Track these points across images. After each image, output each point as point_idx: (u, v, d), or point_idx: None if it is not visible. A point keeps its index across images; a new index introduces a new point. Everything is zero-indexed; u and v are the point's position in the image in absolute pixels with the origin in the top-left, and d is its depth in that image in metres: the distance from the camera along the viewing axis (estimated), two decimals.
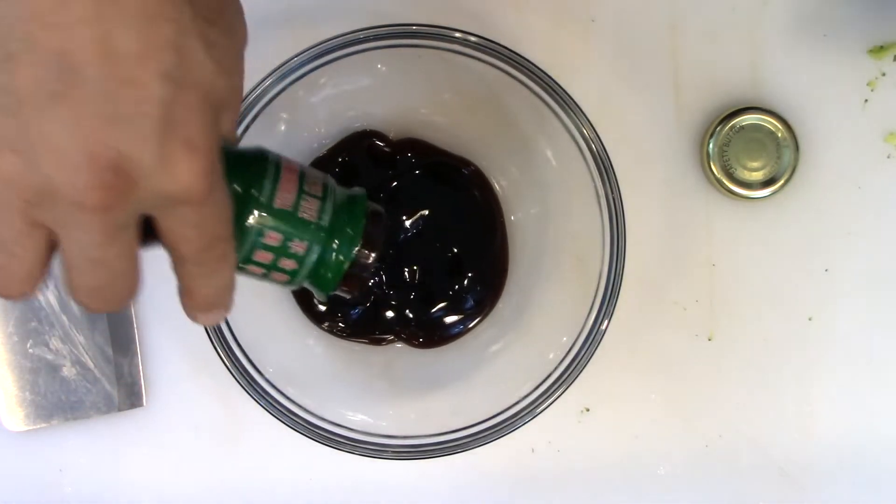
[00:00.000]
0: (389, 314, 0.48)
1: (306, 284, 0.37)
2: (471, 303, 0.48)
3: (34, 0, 0.24)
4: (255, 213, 0.33)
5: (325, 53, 0.42)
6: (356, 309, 0.48)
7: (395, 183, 0.47)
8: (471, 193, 0.48)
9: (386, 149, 0.47)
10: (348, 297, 0.38)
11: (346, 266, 0.36)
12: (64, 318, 0.47)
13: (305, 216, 0.34)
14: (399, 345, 0.48)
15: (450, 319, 0.48)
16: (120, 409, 0.48)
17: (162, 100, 0.26)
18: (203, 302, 0.32)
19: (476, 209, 0.48)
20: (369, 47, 0.42)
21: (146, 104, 0.25)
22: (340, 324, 0.48)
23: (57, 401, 0.47)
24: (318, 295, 0.37)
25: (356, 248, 0.35)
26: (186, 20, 0.26)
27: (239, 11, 0.31)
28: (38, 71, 0.25)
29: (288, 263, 0.35)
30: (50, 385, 0.47)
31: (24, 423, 0.47)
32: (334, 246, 0.35)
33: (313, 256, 0.35)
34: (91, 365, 0.48)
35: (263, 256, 0.34)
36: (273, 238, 0.34)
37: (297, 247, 0.34)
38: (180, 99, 0.26)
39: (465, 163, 0.48)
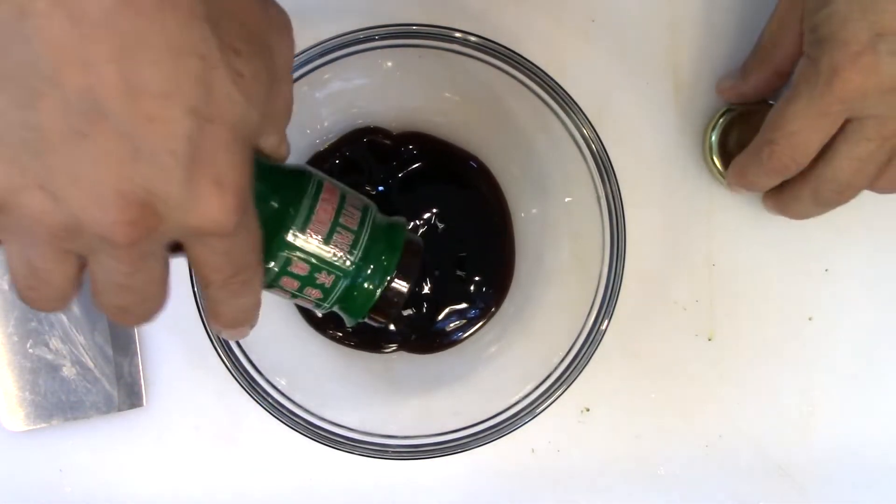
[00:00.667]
0: (393, 326, 0.48)
1: (336, 310, 0.36)
2: (477, 309, 0.48)
3: (55, 35, 0.24)
4: (286, 241, 0.33)
5: (325, 53, 0.42)
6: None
7: (399, 175, 0.47)
8: (478, 189, 0.48)
9: (386, 141, 0.47)
10: (376, 325, 0.37)
11: (376, 296, 0.35)
12: (64, 318, 0.47)
13: (335, 251, 0.34)
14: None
15: (454, 325, 0.48)
16: (120, 409, 0.48)
17: (189, 136, 0.25)
18: (227, 321, 0.32)
19: (484, 207, 0.48)
20: (369, 47, 0.42)
21: (172, 141, 0.25)
22: (340, 333, 0.48)
23: (57, 401, 0.47)
24: (346, 321, 0.37)
25: (389, 279, 0.35)
26: (213, 53, 0.26)
27: (277, 28, 0.30)
28: (63, 109, 0.24)
29: (314, 293, 0.34)
30: (50, 385, 0.47)
31: (24, 423, 0.47)
32: (367, 275, 0.35)
33: (339, 290, 0.35)
34: (91, 365, 0.48)
35: (290, 283, 0.34)
36: (300, 268, 0.33)
37: (324, 279, 0.34)
38: (208, 135, 0.26)
39: (471, 157, 0.48)
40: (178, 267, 0.47)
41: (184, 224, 0.27)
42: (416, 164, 0.47)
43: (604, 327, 0.43)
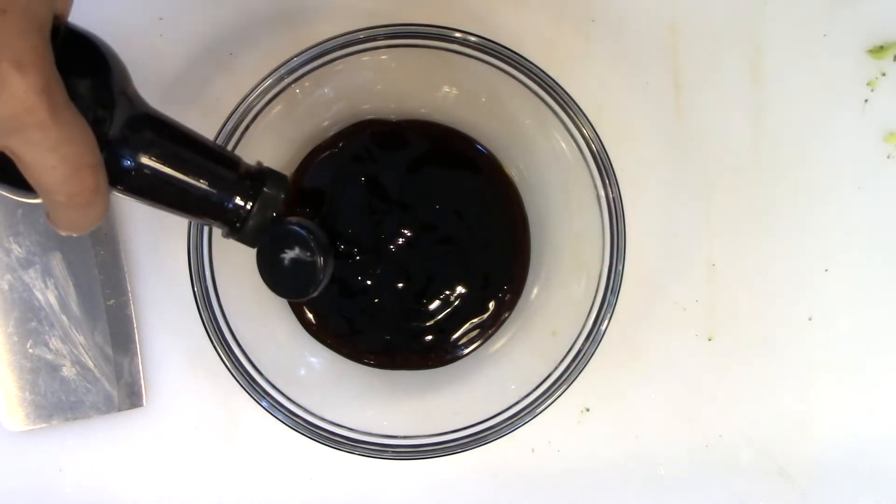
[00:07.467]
0: (402, 340, 0.47)
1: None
2: (493, 317, 0.47)
3: None
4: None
5: (324, 53, 0.42)
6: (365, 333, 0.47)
7: (405, 161, 0.46)
8: (488, 180, 0.47)
9: (388, 129, 0.47)
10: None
11: None
12: (64, 318, 0.47)
13: None
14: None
15: (468, 337, 0.47)
16: (120, 409, 0.48)
17: None
18: (71, 227, 0.32)
19: (498, 196, 0.47)
20: (369, 47, 0.42)
21: None
22: (344, 348, 0.47)
23: (57, 401, 0.47)
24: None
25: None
26: None
27: None
28: None
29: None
30: (50, 385, 0.47)
31: (24, 423, 0.47)
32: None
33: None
34: (91, 365, 0.47)
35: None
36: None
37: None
38: (2, 23, 0.27)
39: (475, 141, 0.47)
40: (176, 265, 0.47)
41: None
42: (421, 149, 0.46)
43: (604, 327, 0.43)
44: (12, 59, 0.27)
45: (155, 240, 0.48)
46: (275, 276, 0.38)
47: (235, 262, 0.44)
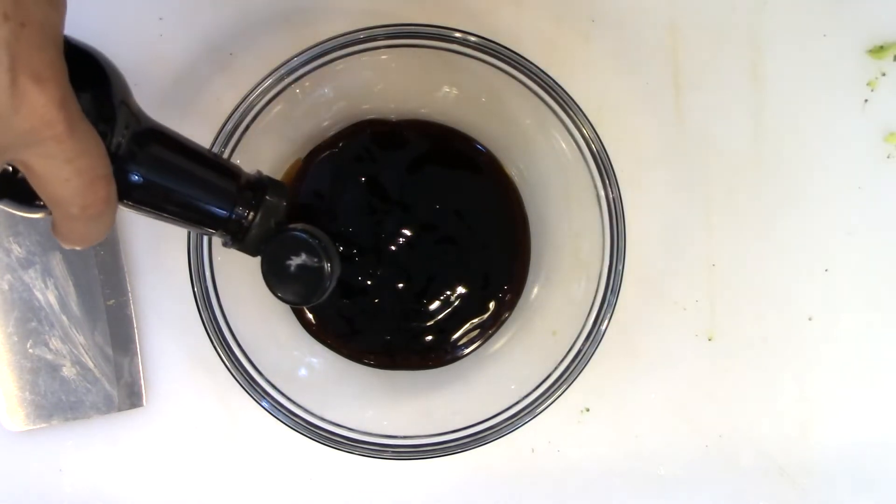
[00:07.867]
0: (402, 341, 0.47)
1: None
2: (493, 317, 0.48)
3: None
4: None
5: (324, 53, 0.42)
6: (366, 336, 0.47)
7: (405, 161, 0.46)
8: (489, 180, 0.47)
9: (388, 129, 0.47)
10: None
11: None
12: (64, 318, 0.47)
13: None
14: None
15: (468, 337, 0.48)
16: (120, 409, 0.48)
17: (6, 40, 0.27)
18: (79, 241, 0.33)
19: (498, 195, 0.47)
20: (369, 47, 0.42)
21: None
22: (344, 348, 0.47)
23: (57, 401, 0.47)
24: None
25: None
26: None
27: None
28: None
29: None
30: (50, 385, 0.47)
31: (24, 423, 0.47)
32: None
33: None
34: (91, 365, 0.47)
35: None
36: None
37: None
38: (22, 37, 0.27)
39: (475, 140, 0.47)
40: (176, 265, 0.47)
41: (16, 129, 0.28)
42: (421, 148, 0.46)
43: (604, 327, 0.43)
44: (31, 74, 0.27)
45: (155, 240, 0.48)
46: (281, 283, 0.38)
47: (236, 261, 0.44)
